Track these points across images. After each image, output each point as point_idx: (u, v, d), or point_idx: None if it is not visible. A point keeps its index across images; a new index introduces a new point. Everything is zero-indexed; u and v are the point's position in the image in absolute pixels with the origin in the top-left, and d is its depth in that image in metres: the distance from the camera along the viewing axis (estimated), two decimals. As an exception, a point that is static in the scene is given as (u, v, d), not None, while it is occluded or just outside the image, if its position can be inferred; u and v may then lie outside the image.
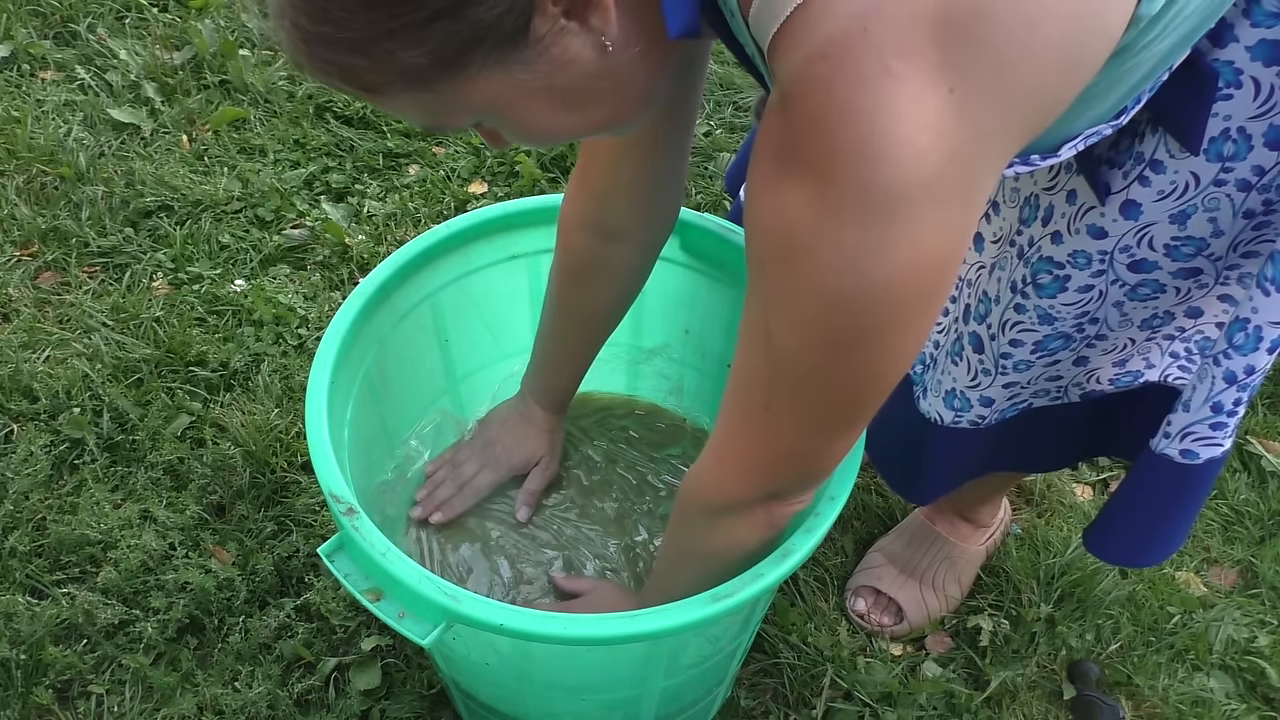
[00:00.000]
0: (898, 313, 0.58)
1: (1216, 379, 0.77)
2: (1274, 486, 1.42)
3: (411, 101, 0.60)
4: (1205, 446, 0.81)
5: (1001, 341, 0.88)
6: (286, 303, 1.54)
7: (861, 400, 0.65)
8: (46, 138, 1.77)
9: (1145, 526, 0.90)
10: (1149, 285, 0.80)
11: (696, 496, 0.79)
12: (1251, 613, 1.28)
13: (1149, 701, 1.19)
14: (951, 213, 0.55)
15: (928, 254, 0.55)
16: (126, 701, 1.13)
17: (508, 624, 0.74)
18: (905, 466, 1.06)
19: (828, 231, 0.54)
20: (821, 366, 0.61)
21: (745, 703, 1.17)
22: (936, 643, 1.24)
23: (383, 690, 1.15)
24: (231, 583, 1.20)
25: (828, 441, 0.69)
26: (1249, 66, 0.66)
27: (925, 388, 1.00)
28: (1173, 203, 0.73)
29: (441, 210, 1.73)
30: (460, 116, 0.63)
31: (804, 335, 0.60)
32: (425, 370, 1.16)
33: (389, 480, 1.12)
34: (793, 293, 0.59)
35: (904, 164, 0.52)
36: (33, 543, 1.24)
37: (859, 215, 0.53)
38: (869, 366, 0.61)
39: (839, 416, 0.66)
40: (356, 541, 0.78)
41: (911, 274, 0.56)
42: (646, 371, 1.27)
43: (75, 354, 1.46)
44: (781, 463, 0.71)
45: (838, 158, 0.52)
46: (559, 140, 0.67)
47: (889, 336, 0.59)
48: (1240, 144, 0.69)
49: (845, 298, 0.56)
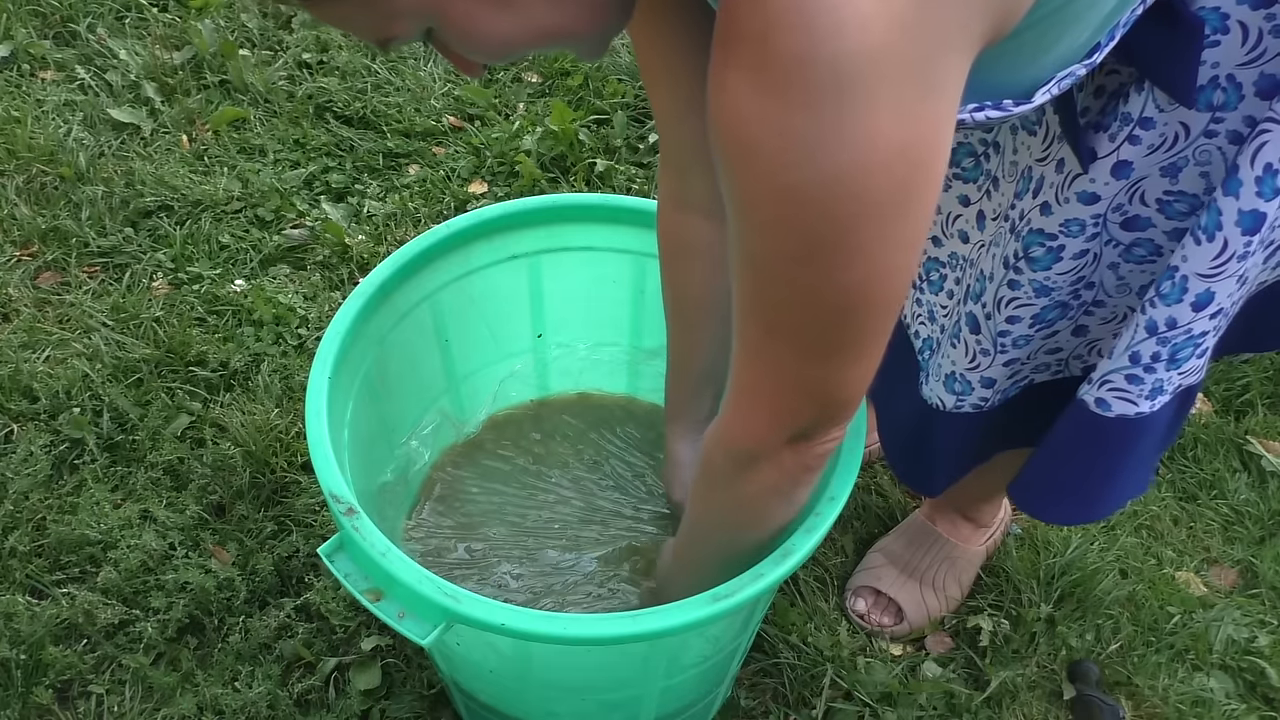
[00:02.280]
0: (866, 209, 0.53)
1: (1139, 328, 0.75)
2: (1274, 486, 1.42)
3: (348, 11, 0.58)
4: (1118, 399, 0.79)
5: (998, 319, 0.86)
6: (286, 303, 1.54)
7: (856, 317, 0.60)
8: (46, 138, 1.77)
9: (1062, 479, 0.87)
10: (1144, 245, 0.78)
11: (721, 447, 0.74)
12: (1251, 613, 1.28)
13: (1149, 701, 1.19)
14: (909, 94, 0.50)
15: (888, 140, 0.50)
16: (126, 701, 1.13)
17: (508, 624, 0.74)
18: (914, 458, 1.05)
19: (773, 120, 0.50)
20: (801, 278, 0.57)
21: (745, 703, 1.17)
22: (936, 643, 1.24)
23: (383, 690, 1.14)
24: (231, 583, 1.20)
25: (836, 368, 0.64)
26: (1235, 10, 0.64)
27: (928, 373, 0.98)
28: (1163, 154, 0.71)
29: (441, 210, 1.73)
30: (402, 24, 0.59)
31: (775, 244, 0.56)
32: (425, 370, 1.16)
33: (389, 480, 1.12)
34: (755, 198, 0.54)
35: (845, 33, 0.47)
36: (33, 543, 1.24)
37: (802, 96, 0.49)
38: (850, 274, 0.56)
39: (837, 336, 0.61)
40: (356, 541, 0.78)
41: (873, 163, 0.51)
42: (646, 371, 1.27)
43: (75, 354, 1.46)
44: (795, 394, 0.66)
45: (771, 30, 0.48)
46: (510, 50, 0.62)
47: (863, 237, 0.54)
48: (1230, 92, 0.67)
49: (804, 193, 0.52)
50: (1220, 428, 1.48)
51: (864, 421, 0.90)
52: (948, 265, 0.95)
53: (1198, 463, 1.44)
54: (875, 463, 1.42)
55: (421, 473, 1.18)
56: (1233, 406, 1.51)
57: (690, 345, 1.01)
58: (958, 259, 0.93)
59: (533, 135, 1.84)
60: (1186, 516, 1.39)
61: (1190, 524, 1.38)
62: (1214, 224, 0.68)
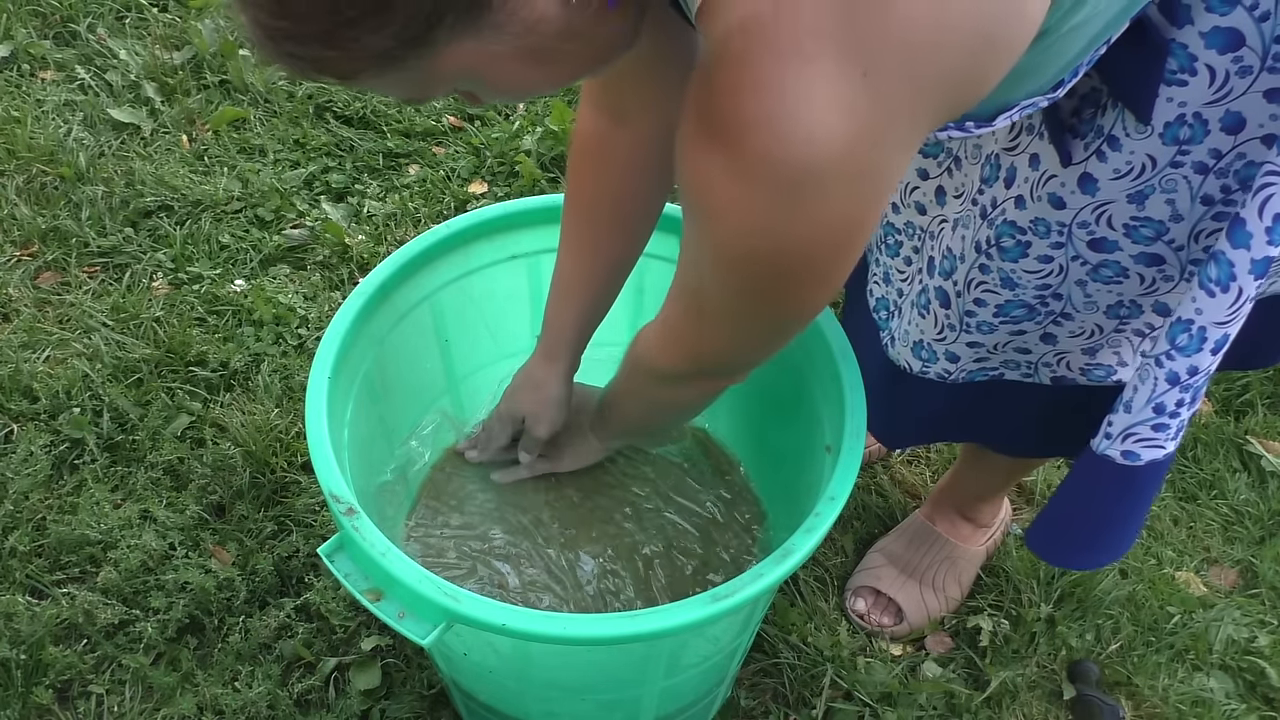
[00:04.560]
0: (809, 265, 0.62)
1: (1159, 380, 0.76)
2: (1274, 486, 1.42)
3: (388, 81, 0.60)
4: (1147, 448, 0.81)
5: (966, 300, 0.88)
6: (286, 303, 1.54)
7: (784, 328, 0.72)
8: (46, 138, 1.77)
9: (1089, 528, 0.89)
10: (1111, 267, 0.79)
11: (644, 360, 0.85)
12: (1251, 613, 1.28)
13: (1149, 701, 1.19)
14: (862, 186, 0.57)
15: (838, 220, 0.59)
16: (126, 701, 1.13)
17: (508, 624, 0.74)
18: (880, 408, 1.05)
19: (741, 197, 0.57)
20: (743, 303, 0.68)
21: (745, 703, 1.17)
22: (936, 643, 1.24)
23: (383, 690, 1.15)
24: (231, 583, 1.20)
25: (756, 351, 0.77)
26: (1204, 54, 0.66)
27: (893, 336, 1.00)
28: (1129, 183, 0.73)
29: (441, 210, 1.73)
30: (439, 87, 0.63)
31: (725, 278, 0.65)
32: (425, 370, 1.16)
33: (389, 480, 1.12)
34: (714, 243, 0.63)
35: (813, 141, 0.53)
36: (33, 543, 1.24)
37: (769, 186, 0.56)
38: (786, 306, 0.67)
39: (764, 337, 0.74)
40: (356, 541, 0.78)
41: (822, 236, 0.59)
42: (646, 371, 1.27)
43: (75, 354, 1.46)
44: (715, 358, 0.78)
45: (749, 130, 0.54)
46: (538, 94, 0.68)
47: (803, 283, 0.64)
48: (1196, 128, 0.69)
49: (758, 254, 0.61)
50: (1220, 428, 1.48)
51: (864, 422, 0.90)
52: (903, 233, 0.98)
53: (1198, 463, 1.44)
54: (875, 463, 1.42)
55: (421, 473, 1.18)
56: (1233, 406, 1.51)
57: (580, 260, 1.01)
58: (914, 228, 0.97)
59: (533, 135, 1.84)
60: (1186, 516, 1.39)
61: (1190, 524, 1.38)
62: (1226, 276, 0.70)
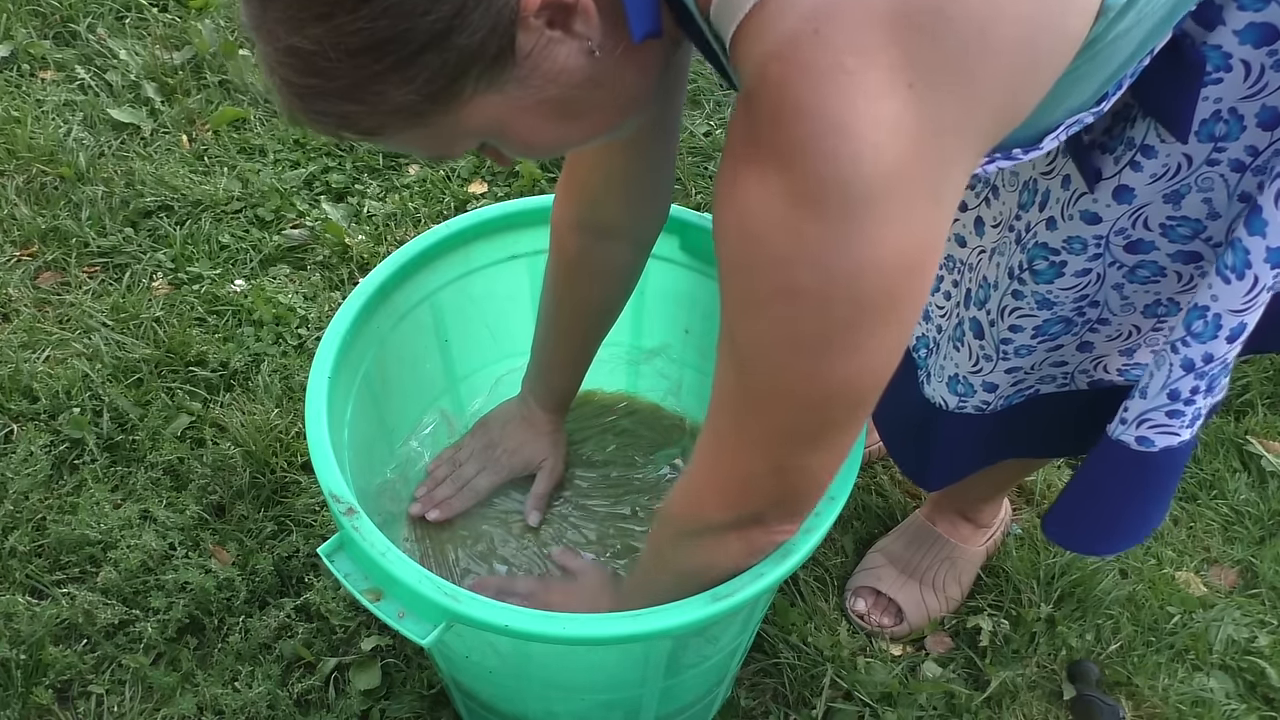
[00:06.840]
0: (863, 312, 0.56)
1: (1174, 366, 0.76)
2: (1274, 486, 1.42)
3: (412, 137, 0.61)
4: (1161, 434, 0.80)
5: (1001, 327, 0.87)
6: (286, 303, 1.54)
7: (832, 409, 0.62)
8: (46, 138, 1.77)
9: (1106, 514, 0.89)
10: (1148, 267, 0.79)
11: (673, 517, 0.77)
12: (1251, 613, 1.28)
13: (1149, 701, 1.19)
14: (915, 210, 0.54)
15: (892, 251, 0.55)
16: (126, 701, 1.13)
17: (508, 624, 0.74)
18: (914, 450, 1.06)
19: (788, 223, 0.54)
20: (785, 368, 0.60)
21: (745, 703, 1.17)
22: (936, 643, 1.24)
23: (383, 690, 1.15)
24: (231, 583, 1.20)
25: (801, 458, 0.66)
26: (1238, 50, 0.65)
27: (929, 373, 0.99)
28: (1165, 183, 0.72)
29: (441, 210, 1.73)
30: (463, 143, 0.63)
31: (766, 333, 0.59)
32: (425, 370, 1.16)
33: (389, 480, 1.12)
34: (755, 291, 0.58)
35: (861, 159, 0.51)
36: (33, 543, 1.24)
37: (818, 209, 0.53)
38: (835, 370, 0.59)
39: (810, 428, 0.64)
40: (356, 541, 0.78)
41: (874, 270, 0.55)
42: (646, 371, 1.27)
43: (75, 354, 1.46)
44: (755, 482, 0.69)
45: (796, 152, 0.53)
46: (562, 151, 0.67)
47: (855, 337, 0.58)
48: (1232, 124, 0.68)
49: (805, 292, 0.56)
50: (1220, 428, 1.48)
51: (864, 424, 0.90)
52: (943, 267, 0.96)
53: (1198, 463, 1.44)
54: (875, 463, 1.42)
55: (421, 473, 1.18)
56: (1233, 406, 1.51)
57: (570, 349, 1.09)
58: (954, 261, 0.94)
59: (533, 135, 1.84)
60: (1186, 516, 1.39)
61: (1190, 524, 1.38)
62: (1242, 263, 0.70)
